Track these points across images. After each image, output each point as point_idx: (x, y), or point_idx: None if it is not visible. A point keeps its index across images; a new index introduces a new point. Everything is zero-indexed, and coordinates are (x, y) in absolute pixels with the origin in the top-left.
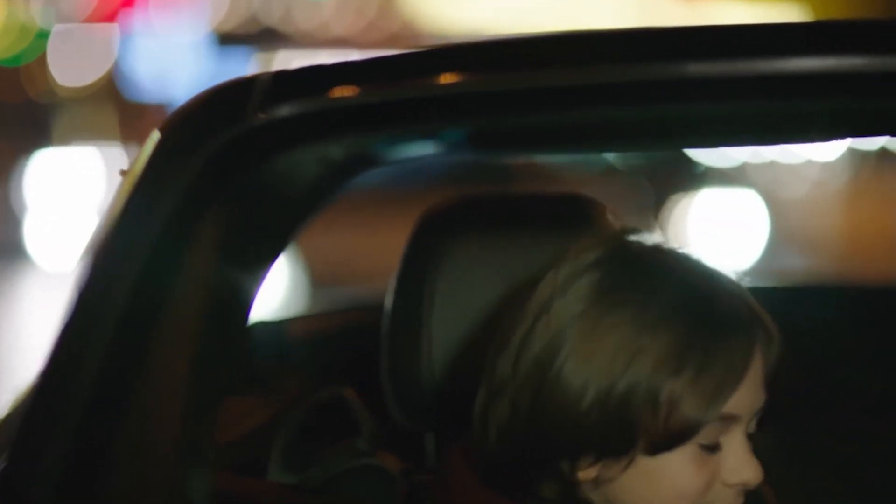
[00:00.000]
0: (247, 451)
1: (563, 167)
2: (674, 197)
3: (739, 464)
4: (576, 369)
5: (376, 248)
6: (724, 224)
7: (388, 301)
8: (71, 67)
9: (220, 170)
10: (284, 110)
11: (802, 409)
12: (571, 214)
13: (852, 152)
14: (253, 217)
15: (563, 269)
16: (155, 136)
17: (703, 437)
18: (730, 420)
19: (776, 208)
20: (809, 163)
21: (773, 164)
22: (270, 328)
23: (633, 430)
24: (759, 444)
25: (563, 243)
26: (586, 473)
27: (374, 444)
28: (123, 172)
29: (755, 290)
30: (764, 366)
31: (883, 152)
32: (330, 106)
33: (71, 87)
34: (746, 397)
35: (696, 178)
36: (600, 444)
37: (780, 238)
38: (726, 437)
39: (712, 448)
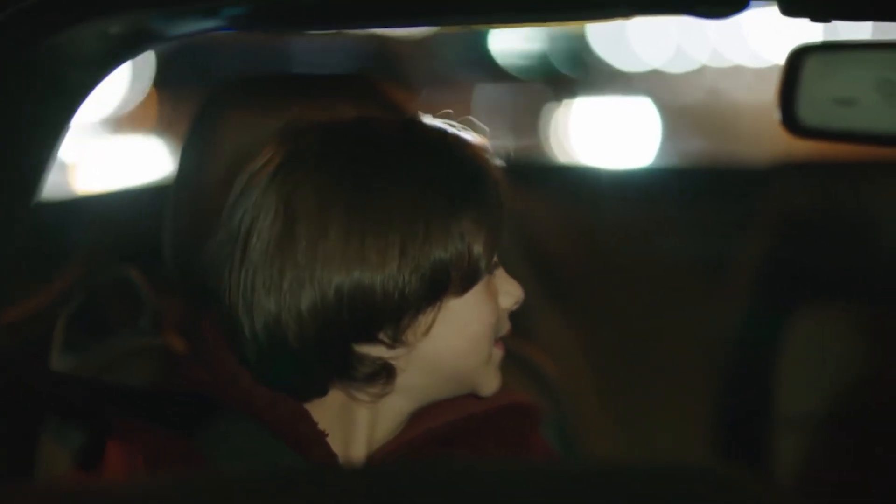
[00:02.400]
0: (30, 332)
1: (459, 71)
2: (568, 102)
3: (509, 283)
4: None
5: None
6: (614, 129)
7: (172, 180)
8: None
9: (1, 46)
10: None
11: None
12: (354, 93)
13: None
14: (36, 94)
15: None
16: None
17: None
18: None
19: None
20: (775, 67)
21: (737, 69)
22: (57, 208)
23: (446, 271)
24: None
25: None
26: (407, 336)
27: (158, 324)
28: None
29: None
30: None
31: None
32: None
33: None
34: None
35: (596, 83)
36: (416, 299)
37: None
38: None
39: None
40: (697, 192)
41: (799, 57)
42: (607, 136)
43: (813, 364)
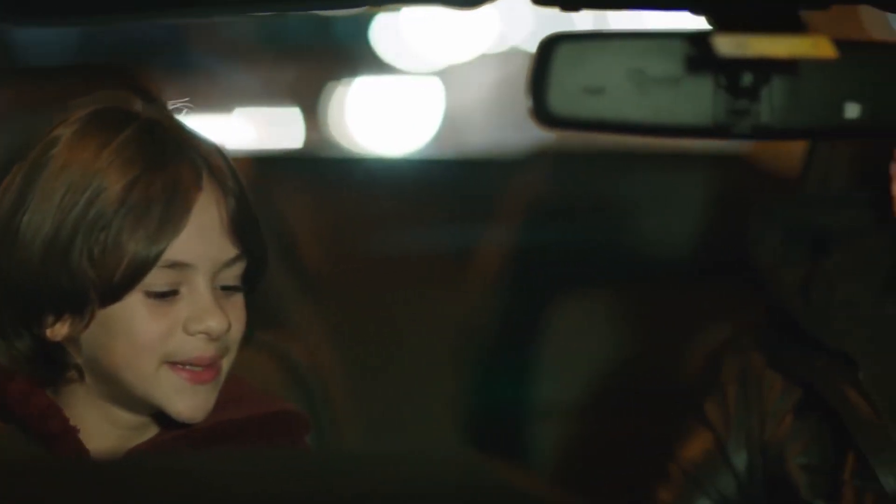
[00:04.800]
0: None
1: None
2: (346, 81)
3: (201, 311)
4: (30, 221)
5: None
6: (395, 109)
7: None
8: None
9: None
10: None
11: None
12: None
13: None
14: None
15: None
16: None
17: (153, 283)
18: (183, 267)
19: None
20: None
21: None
22: None
23: (82, 280)
24: None
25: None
26: (55, 331)
27: None
28: None
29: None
30: (221, 217)
31: None
32: None
33: None
34: (197, 245)
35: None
36: (58, 301)
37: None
38: (186, 286)
39: (166, 295)
40: (449, 182)
41: (549, 46)
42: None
43: (568, 352)
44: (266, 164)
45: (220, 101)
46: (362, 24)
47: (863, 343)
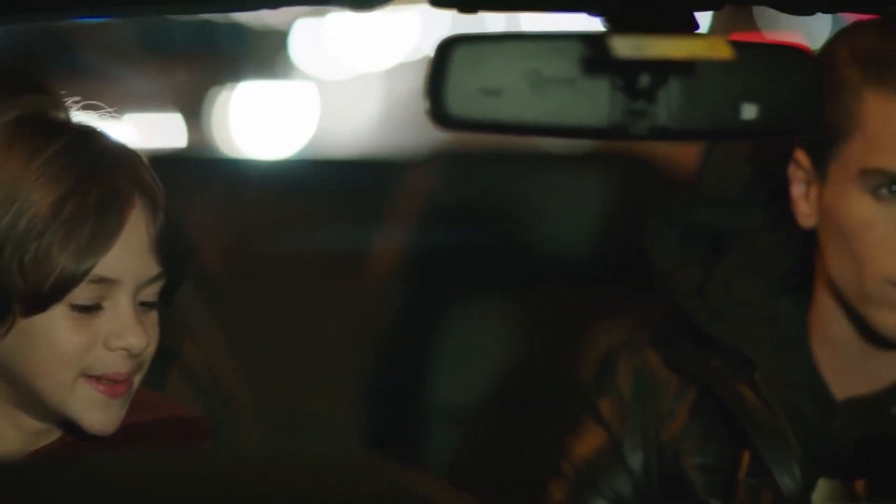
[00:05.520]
0: None
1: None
2: (230, 86)
3: (122, 328)
4: None
5: None
6: (271, 113)
7: None
8: None
9: None
10: None
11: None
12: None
13: None
14: None
15: None
16: None
17: (78, 297)
18: (109, 283)
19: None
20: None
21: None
22: None
23: (7, 288)
24: None
25: None
26: None
27: None
28: None
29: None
30: (149, 234)
31: None
32: None
33: None
34: (124, 262)
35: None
36: None
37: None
38: (109, 301)
39: (89, 309)
40: (345, 183)
41: (447, 48)
42: (263, 126)
43: (466, 353)
44: (155, 165)
45: (105, 104)
46: (246, 31)
47: (758, 342)
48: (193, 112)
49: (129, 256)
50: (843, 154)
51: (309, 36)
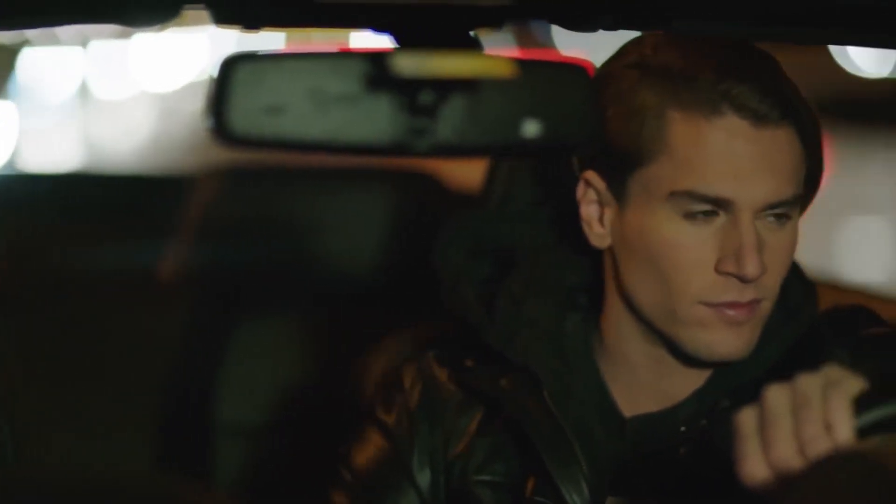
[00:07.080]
0: None
1: None
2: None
3: None
4: None
5: None
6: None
7: None
8: None
9: None
10: None
11: None
12: None
13: None
14: None
15: None
16: None
17: None
18: None
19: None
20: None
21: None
22: None
23: None
24: None
25: None
26: None
27: None
28: None
29: None
30: None
31: None
32: None
33: None
34: None
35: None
36: None
37: None
38: None
39: None
40: (126, 200)
41: (229, 66)
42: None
43: (251, 372)
44: None
45: None
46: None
47: (545, 360)
48: None
49: None
50: (648, 176)
51: (99, 56)
